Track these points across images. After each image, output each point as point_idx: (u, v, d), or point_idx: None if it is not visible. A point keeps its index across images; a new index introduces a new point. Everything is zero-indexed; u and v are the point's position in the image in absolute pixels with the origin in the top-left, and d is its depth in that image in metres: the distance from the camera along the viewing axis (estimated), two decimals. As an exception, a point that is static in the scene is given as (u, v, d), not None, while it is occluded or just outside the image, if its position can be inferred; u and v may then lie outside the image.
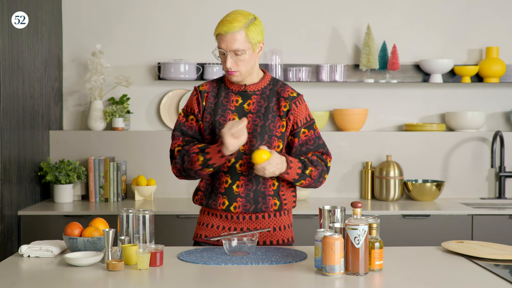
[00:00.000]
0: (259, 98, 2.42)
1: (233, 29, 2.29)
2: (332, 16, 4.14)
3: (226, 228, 2.43)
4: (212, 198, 2.42)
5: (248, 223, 2.42)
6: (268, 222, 2.43)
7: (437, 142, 4.07)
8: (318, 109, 4.13)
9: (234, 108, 2.41)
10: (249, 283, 1.97)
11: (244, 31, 2.30)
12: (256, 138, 2.36)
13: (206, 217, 2.47)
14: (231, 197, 2.38)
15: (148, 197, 3.91)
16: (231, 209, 2.38)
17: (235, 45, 2.30)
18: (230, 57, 2.32)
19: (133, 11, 4.10)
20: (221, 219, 2.43)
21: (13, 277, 2.01)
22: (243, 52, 2.31)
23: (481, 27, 4.17)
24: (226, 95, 2.43)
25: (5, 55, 3.24)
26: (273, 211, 2.42)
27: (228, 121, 2.36)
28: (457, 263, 2.21)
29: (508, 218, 3.58)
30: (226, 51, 2.31)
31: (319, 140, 2.45)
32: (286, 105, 2.41)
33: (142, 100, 4.12)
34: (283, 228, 2.46)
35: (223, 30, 2.30)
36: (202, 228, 2.48)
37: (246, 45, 2.31)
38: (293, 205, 2.49)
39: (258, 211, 2.40)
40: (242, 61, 2.33)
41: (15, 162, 3.40)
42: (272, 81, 2.47)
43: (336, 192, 4.07)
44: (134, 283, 1.96)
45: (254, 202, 2.38)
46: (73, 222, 2.28)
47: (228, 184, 2.38)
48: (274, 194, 2.41)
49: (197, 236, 2.49)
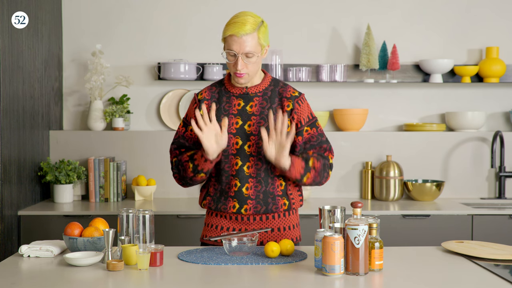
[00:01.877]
0: (261, 99, 2.42)
1: (248, 31, 2.28)
2: (332, 16, 4.14)
3: (237, 229, 2.43)
4: (221, 202, 2.42)
5: (259, 224, 2.42)
6: (278, 222, 2.44)
7: (437, 142, 4.07)
8: (318, 109, 4.13)
9: (236, 112, 2.40)
10: (249, 283, 1.97)
11: (257, 34, 2.31)
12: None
13: (215, 219, 2.47)
14: (241, 200, 2.38)
15: (148, 197, 3.91)
16: (242, 212, 2.39)
17: (247, 47, 2.29)
18: (241, 59, 2.31)
19: (133, 11, 4.10)
20: (230, 220, 2.43)
21: (13, 277, 2.01)
22: (254, 55, 2.31)
23: (481, 27, 4.17)
24: (228, 99, 2.43)
25: (5, 55, 3.24)
26: (282, 211, 2.43)
27: (231, 125, 2.38)
28: (457, 263, 2.21)
29: (508, 218, 3.58)
30: (238, 53, 2.30)
31: (322, 137, 2.45)
32: (289, 105, 2.41)
33: (142, 100, 4.12)
34: (292, 228, 2.47)
35: (236, 31, 2.28)
36: (211, 230, 2.47)
37: (257, 47, 2.32)
38: (301, 203, 2.50)
39: (269, 212, 2.40)
40: (252, 63, 2.33)
41: (15, 162, 3.40)
42: (273, 81, 2.47)
43: (336, 192, 4.07)
44: (134, 283, 1.96)
45: (264, 203, 2.39)
46: (73, 222, 2.28)
47: (238, 187, 2.38)
48: (283, 194, 2.42)
49: (205, 238, 2.49)
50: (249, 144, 2.38)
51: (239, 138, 2.38)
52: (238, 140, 2.38)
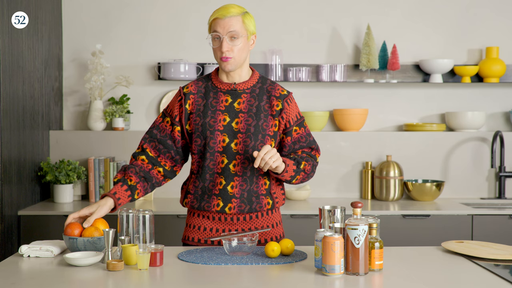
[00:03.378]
0: (249, 97, 2.41)
1: (231, 13, 2.31)
2: (332, 16, 4.14)
3: (220, 230, 2.42)
4: (205, 200, 2.40)
5: (242, 224, 2.42)
6: (261, 221, 2.43)
7: (437, 142, 4.07)
8: (318, 109, 4.13)
9: (224, 108, 2.39)
10: (249, 283, 1.97)
11: (241, 17, 2.33)
12: (250, 138, 2.36)
13: (197, 219, 2.45)
14: (226, 198, 2.37)
15: (148, 197, 3.91)
16: (225, 210, 2.38)
17: (232, 27, 2.31)
18: (226, 41, 2.32)
19: (133, 11, 4.10)
20: (213, 221, 2.42)
21: (13, 277, 2.01)
22: (239, 36, 2.32)
23: (481, 27, 4.17)
24: (215, 95, 2.41)
25: (5, 55, 3.24)
26: (266, 210, 2.43)
27: (218, 122, 2.36)
28: (457, 263, 2.20)
29: (508, 218, 3.58)
30: (223, 34, 2.32)
31: (309, 137, 2.47)
32: (278, 104, 2.41)
33: (142, 100, 4.12)
34: (275, 225, 2.47)
35: (220, 14, 2.32)
36: (193, 231, 2.45)
37: (242, 30, 2.33)
38: (283, 202, 2.51)
39: (252, 211, 2.40)
40: (237, 46, 2.33)
41: (15, 162, 3.40)
42: (261, 79, 2.46)
43: (336, 192, 4.07)
44: (134, 283, 1.96)
45: (248, 202, 2.38)
46: (73, 222, 2.28)
47: (223, 185, 2.37)
48: (267, 193, 2.42)
49: (187, 239, 2.47)
50: (236, 142, 2.36)
51: (226, 136, 2.36)
52: (225, 137, 2.36)
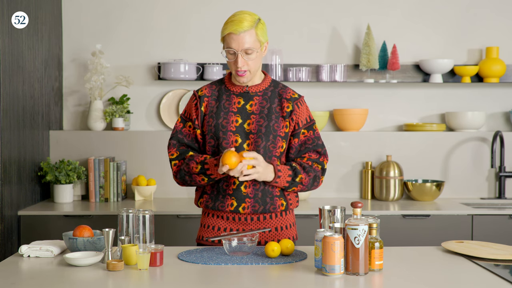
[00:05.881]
0: (261, 99, 2.43)
1: (245, 28, 2.31)
2: (332, 16, 4.14)
3: (234, 230, 2.43)
4: (219, 200, 2.42)
5: (256, 224, 2.42)
6: (275, 222, 2.44)
7: (437, 142, 4.07)
8: (318, 109, 4.13)
9: (236, 110, 2.42)
10: (249, 283, 1.97)
11: (254, 30, 2.33)
12: (262, 138, 2.37)
13: (211, 219, 2.47)
14: (239, 198, 2.39)
15: (148, 197, 3.91)
16: (239, 210, 2.39)
17: (246, 44, 2.32)
18: (241, 57, 2.33)
19: (133, 11, 4.10)
20: (227, 221, 2.43)
21: (13, 277, 2.01)
22: (253, 51, 2.33)
23: (481, 27, 4.17)
24: (228, 97, 2.44)
25: (5, 55, 3.24)
26: (280, 211, 2.44)
27: (231, 123, 2.39)
28: (457, 263, 2.21)
29: (508, 218, 3.58)
30: (238, 50, 2.32)
31: (318, 140, 2.47)
32: (289, 106, 2.43)
33: (142, 100, 4.12)
34: (289, 227, 2.48)
35: (234, 29, 2.31)
36: (208, 230, 2.47)
37: (256, 44, 2.34)
38: (297, 204, 2.51)
39: (266, 212, 2.41)
40: (252, 60, 2.35)
41: (15, 162, 3.40)
42: (273, 82, 2.49)
43: (336, 192, 4.07)
44: (134, 283, 1.96)
45: (262, 203, 2.39)
46: (83, 226, 2.28)
47: (236, 185, 2.38)
48: (281, 195, 2.43)
49: (201, 239, 2.49)
50: (248, 142, 2.39)
51: (239, 136, 2.39)
52: (238, 138, 2.39)
